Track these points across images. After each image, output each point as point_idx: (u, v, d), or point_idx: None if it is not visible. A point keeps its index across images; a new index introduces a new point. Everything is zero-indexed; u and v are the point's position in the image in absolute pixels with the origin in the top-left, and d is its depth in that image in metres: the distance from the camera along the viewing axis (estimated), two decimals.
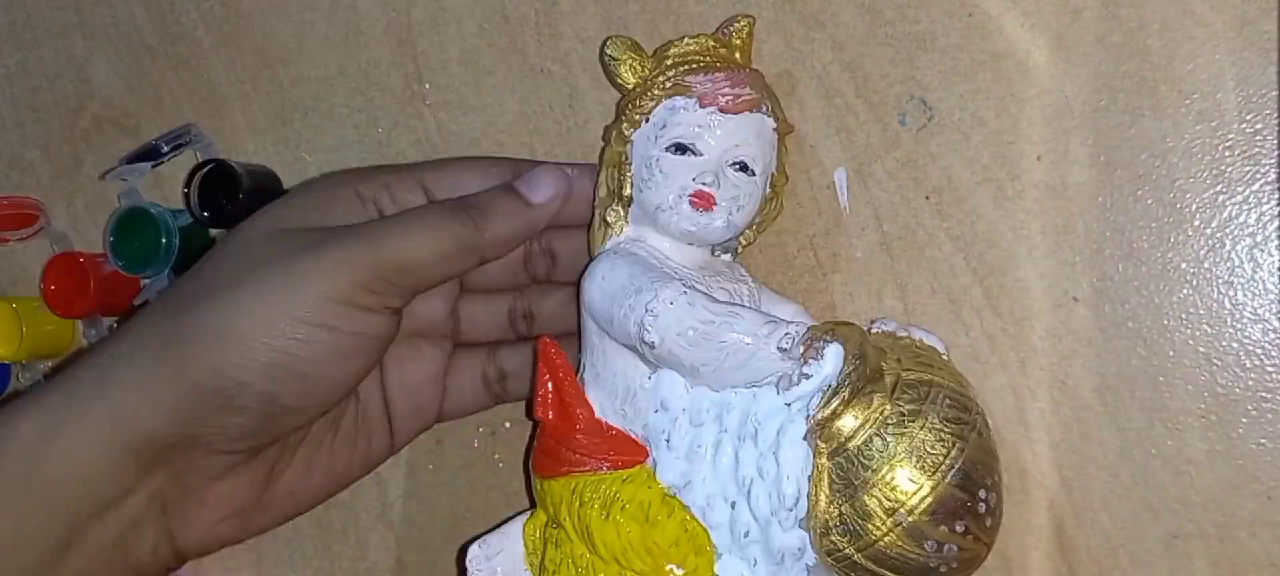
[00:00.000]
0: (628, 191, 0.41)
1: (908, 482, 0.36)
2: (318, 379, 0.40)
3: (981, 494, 0.37)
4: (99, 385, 0.39)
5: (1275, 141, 0.40)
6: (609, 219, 0.42)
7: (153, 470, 0.40)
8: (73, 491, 0.39)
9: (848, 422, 0.36)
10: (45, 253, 0.55)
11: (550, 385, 0.42)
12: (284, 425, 0.41)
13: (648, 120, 0.41)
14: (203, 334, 0.39)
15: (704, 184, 0.40)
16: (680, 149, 0.40)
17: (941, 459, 0.36)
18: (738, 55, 0.43)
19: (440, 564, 0.51)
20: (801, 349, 0.37)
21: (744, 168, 0.40)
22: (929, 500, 0.36)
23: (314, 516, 0.53)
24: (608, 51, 0.42)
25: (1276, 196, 0.41)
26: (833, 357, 0.37)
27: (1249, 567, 0.41)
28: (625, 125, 0.42)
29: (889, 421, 0.36)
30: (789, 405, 0.37)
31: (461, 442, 0.51)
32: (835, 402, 0.36)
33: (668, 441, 0.39)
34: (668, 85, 0.41)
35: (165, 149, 0.52)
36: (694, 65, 0.41)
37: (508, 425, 0.50)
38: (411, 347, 0.45)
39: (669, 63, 0.42)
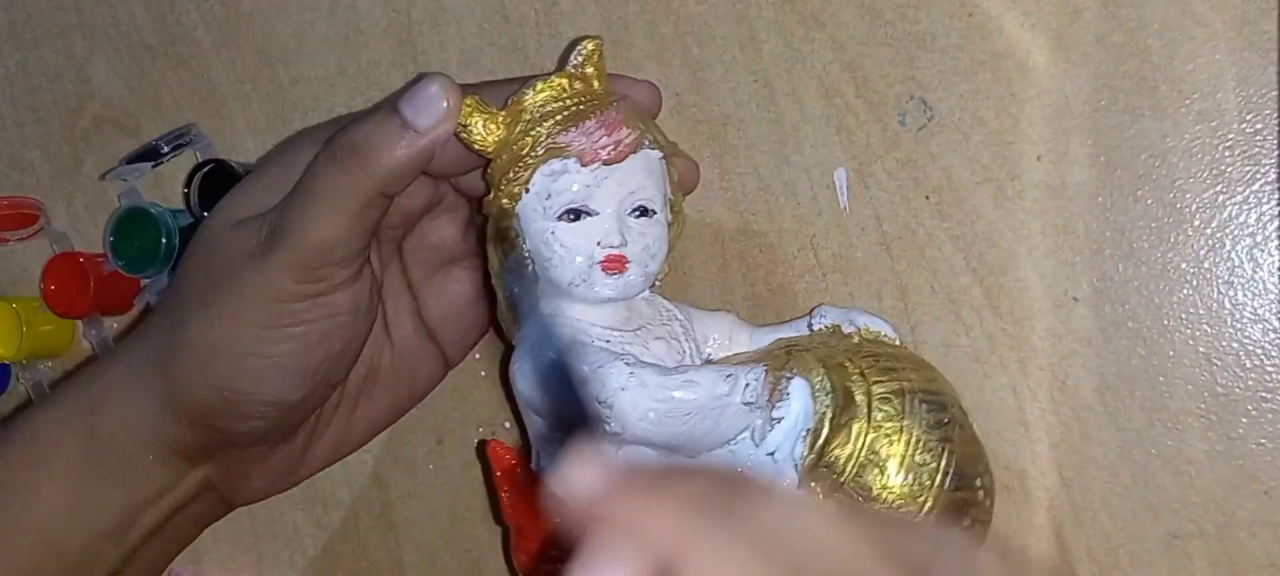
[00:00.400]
0: (530, 269, 0.39)
1: (909, 503, 0.36)
2: (310, 369, 0.40)
3: (978, 483, 0.37)
4: (128, 390, 0.41)
5: (1275, 141, 0.40)
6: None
7: (197, 463, 0.42)
8: (125, 480, 0.41)
9: (835, 459, 0.36)
10: (45, 253, 0.55)
11: (508, 491, 0.40)
12: (304, 410, 0.41)
13: (528, 191, 0.38)
14: (192, 352, 0.40)
15: (611, 247, 0.38)
16: (574, 215, 0.37)
17: (934, 470, 0.37)
18: (596, 84, 0.39)
19: (440, 564, 0.51)
20: (767, 394, 0.36)
21: (644, 211, 0.38)
22: (933, 511, 0.36)
23: (314, 516, 0.53)
24: (461, 124, 0.38)
25: (1276, 196, 0.41)
26: (799, 394, 0.36)
27: (1249, 567, 0.41)
28: (503, 199, 0.38)
29: (875, 448, 0.36)
30: (772, 455, 0.37)
31: (462, 442, 0.51)
32: (818, 445, 0.36)
33: None
34: (540, 151, 0.38)
35: (165, 149, 0.52)
36: (558, 118, 0.38)
37: (507, 425, 0.50)
38: (444, 275, 0.45)
39: (528, 119, 0.38)
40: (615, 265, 0.38)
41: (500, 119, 0.38)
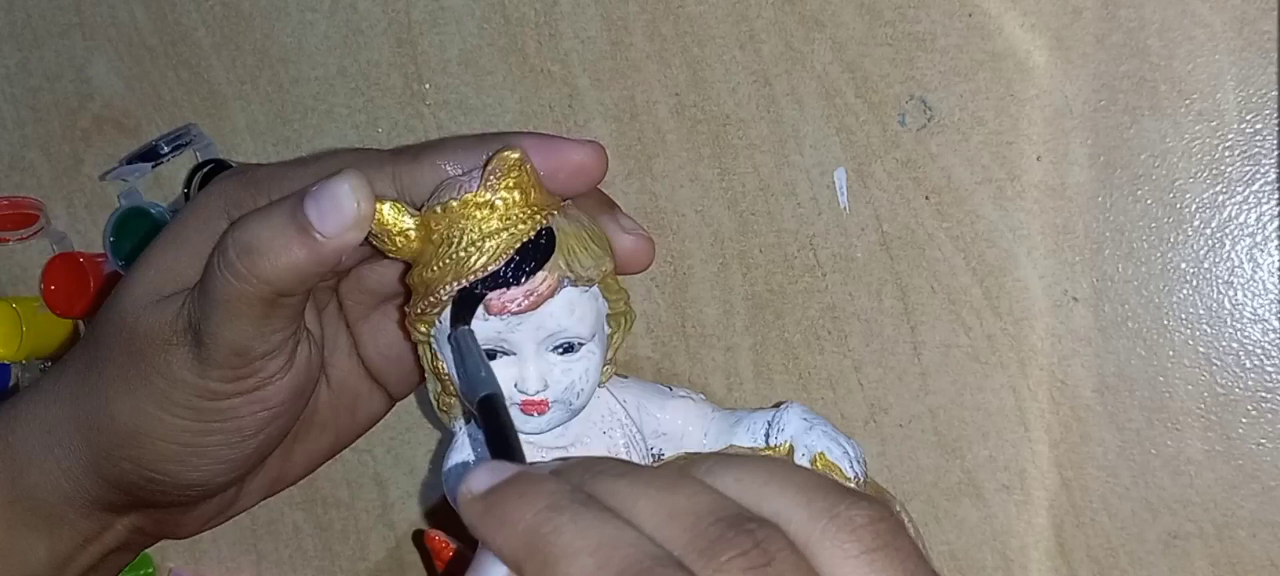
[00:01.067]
0: (452, 388, 0.36)
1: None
2: (241, 457, 0.38)
3: None
4: (48, 449, 0.39)
5: (1275, 141, 0.40)
6: (442, 406, 0.38)
7: (125, 514, 0.40)
8: (51, 529, 0.40)
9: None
10: (45, 253, 0.55)
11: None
12: (229, 481, 0.40)
13: (440, 324, 0.35)
14: (116, 430, 0.37)
15: (527, 394, 0.35)
16: (489, 354, 0.35)
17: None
18: (518, 194, 0.34)
19: None
20: None
21: (569, 348, 0.35)
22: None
23: (314, 516, 0.53)
24: (372, 231, 0.34)
25: (1276, 196, 0.41)
26: None
27: (1249, 567, 0.41)
28: (418, 324, 0.36)
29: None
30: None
31: None
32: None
33: None
34: (443, 294, 0.34)
35: (165, 149, 0.52)
36: (468, 253, 0.34)
37: None
38: (382, 314, 0.41)
39: (438, 239, 0.34)
40: (535, 409, 0.35)
41: (416, 230, 0.34)
